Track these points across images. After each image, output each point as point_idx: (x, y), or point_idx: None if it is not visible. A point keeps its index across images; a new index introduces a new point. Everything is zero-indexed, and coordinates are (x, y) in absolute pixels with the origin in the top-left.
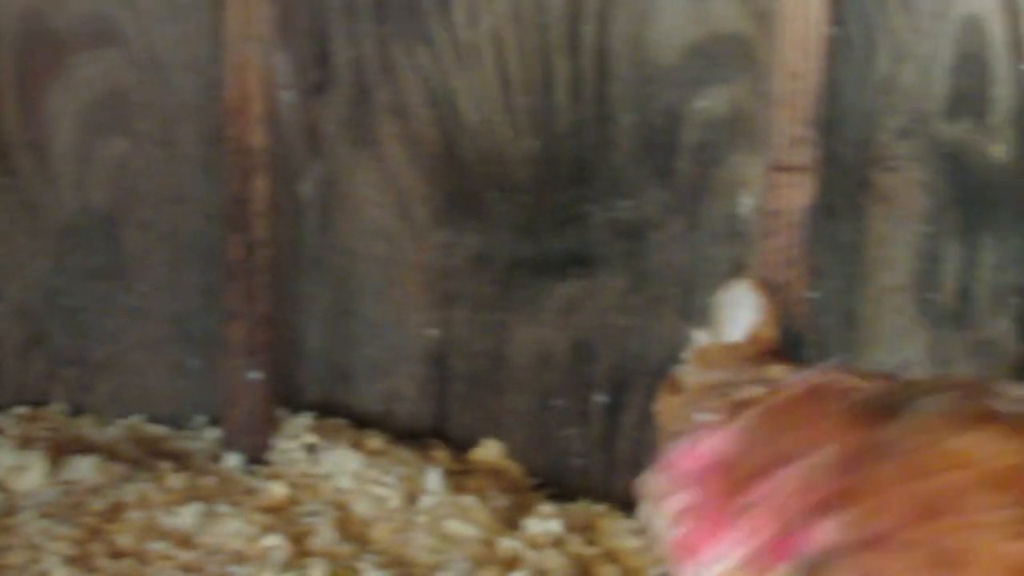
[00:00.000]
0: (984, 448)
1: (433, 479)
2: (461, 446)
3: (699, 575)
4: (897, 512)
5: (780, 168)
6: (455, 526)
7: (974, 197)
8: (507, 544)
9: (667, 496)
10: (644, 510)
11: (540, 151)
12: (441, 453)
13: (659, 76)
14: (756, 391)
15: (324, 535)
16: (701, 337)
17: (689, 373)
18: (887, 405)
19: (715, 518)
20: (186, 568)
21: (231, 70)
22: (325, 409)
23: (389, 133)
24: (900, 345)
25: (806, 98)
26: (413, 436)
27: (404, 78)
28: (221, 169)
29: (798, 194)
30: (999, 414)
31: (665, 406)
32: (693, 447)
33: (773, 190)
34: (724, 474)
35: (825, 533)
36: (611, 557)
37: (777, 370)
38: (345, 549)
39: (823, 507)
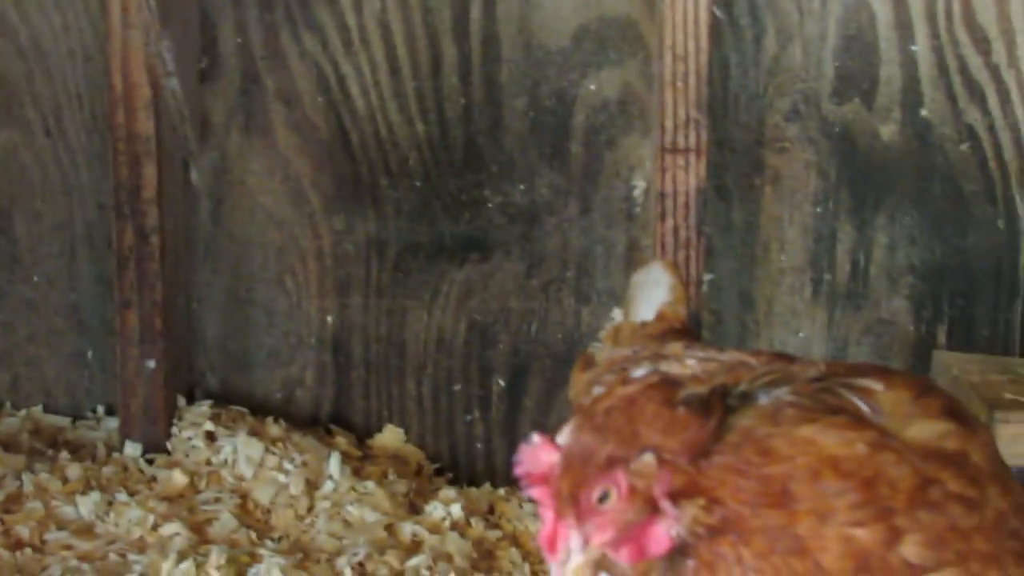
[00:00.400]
0: (829, 437)
1: (334, 466)
2: (362, 432)
3: (555, 571)
4: (748, 499)
5: (670, 150)
6: (357, 512)
7: (865, 178)
8: (409, 529)
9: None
10: None
11: (431, 136)
12: (342, 440)
13: (548, 59)
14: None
15: (224, 523)
16: (617, 315)
17: (601, 350)
18: (732, 396)
19: (565, 514)
20: (85, 558)
21: (116, 58)
22: (225, 397)
23: (279, 120)
24: (797, 325)
25: (694, 80)
26: (314, 423)
27: (292, 64)
28: (110, 158)
29: (688, 176)
30: (845, 405)
31: (576, 382)
32: (538, 447)
33: (664, 172)
34: (570, 472)
35: (678, 521)
36: (513, 540)
37: (675, 346)
38: (245, 536)
39: (675, 496)
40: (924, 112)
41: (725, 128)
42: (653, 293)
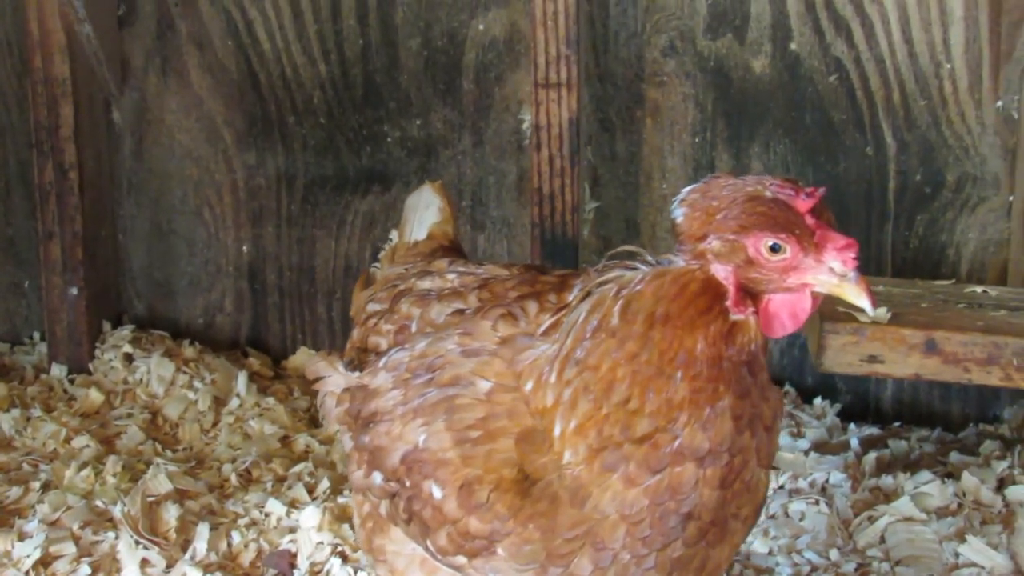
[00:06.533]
0: None
1: (242, 384)
2: (278, 354)
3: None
4: None
5: (543, 84)
6: (257, 426)
7: (740, 109)
8: (304, 440)
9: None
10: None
11: (333, 75)
12: (255, 360)
13: (439, 1)
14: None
15: (131, 435)
16: (395, 237)
17: (380, 269)
18: None
19: None
20: (1, 468)
21: (32, 6)
22: (151, 323)
23: (193, 63)
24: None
25: (563, 19)
26: (234, 346)
27: (203, 10)
28: (29, 99)
29: (561, 108)
30: None
31: (356, 300)
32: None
33: (538, 105)
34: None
35: None
36: None
37: (440, 263)
38: (151, 448)
39: None
40: (793, 46)
41: (607, 64)
42: (425, 215)
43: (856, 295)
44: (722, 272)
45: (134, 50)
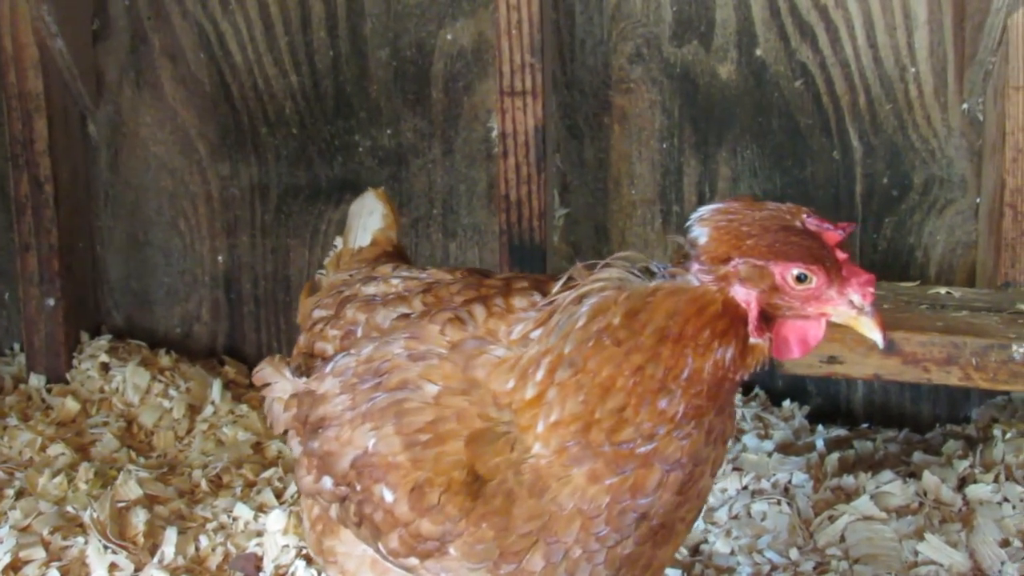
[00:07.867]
0: None
1: (216, 392)
2: (255, 362)
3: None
4: None
5: (508, 92)
6: (231, 432)
7: (707, 115)
8: (276, 447)
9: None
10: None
11: (304, 87)
12: (231, 369)
13: (407, 12)
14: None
15: (106, 443)
16: (340, 243)
17: (325, 276)
18: None
19: None
20: None
21: (5, 22)
22: (130, 333)
23: (166, 75)
24: (649, 254)
25: (527, 27)
26: (211, 355)
27: (176, 24)
28: (4, 114)
29: (527, 116)
30: None
31: (303, 307)
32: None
33: (504, 113)
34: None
35: None
36: None
37: (384, 268)
38: (125, 455)
39: None
40: (759, 52)
41: (574, 71)
42: (368, 221)
43: (870, 328)
44: (742, 295)
45: (108, 64)
